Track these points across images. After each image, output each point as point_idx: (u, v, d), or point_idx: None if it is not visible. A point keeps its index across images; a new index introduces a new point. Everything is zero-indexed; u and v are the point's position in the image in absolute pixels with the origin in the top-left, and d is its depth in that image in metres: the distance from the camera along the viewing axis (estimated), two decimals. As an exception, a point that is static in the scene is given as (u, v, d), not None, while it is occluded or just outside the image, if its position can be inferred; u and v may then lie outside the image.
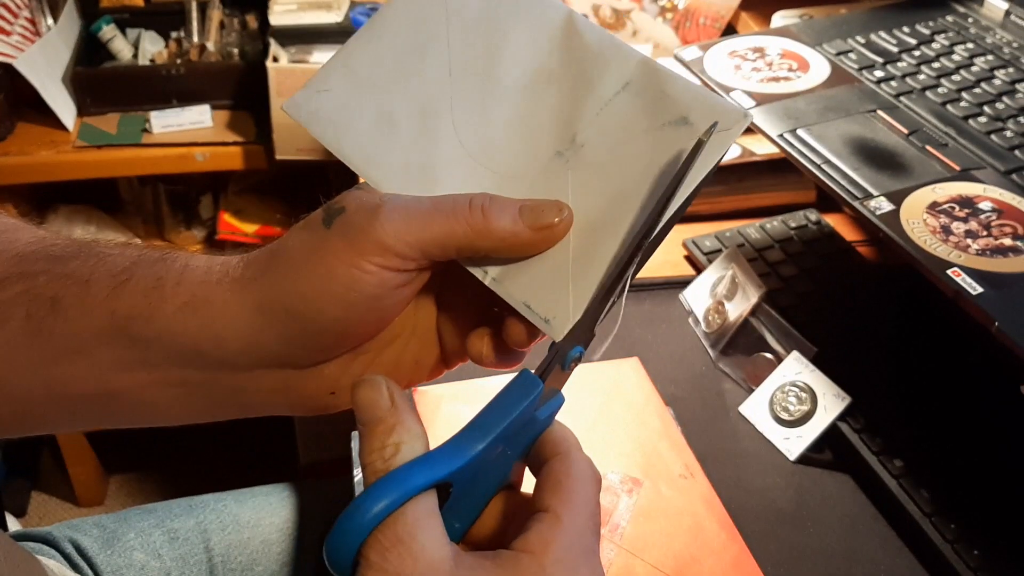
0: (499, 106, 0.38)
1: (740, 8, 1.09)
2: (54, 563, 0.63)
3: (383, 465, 0.31)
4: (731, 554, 0.61)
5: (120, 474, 1.67)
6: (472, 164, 0.37)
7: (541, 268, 0.35)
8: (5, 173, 1.35)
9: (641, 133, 0.36)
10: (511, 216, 0.34)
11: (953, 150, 0.70)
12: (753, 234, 0.86)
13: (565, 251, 0.35)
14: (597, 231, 0.35)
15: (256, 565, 0.75)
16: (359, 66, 0.38)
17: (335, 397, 0.38)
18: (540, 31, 0.38)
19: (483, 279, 0.35)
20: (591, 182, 0.35)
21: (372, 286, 0.34)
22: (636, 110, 0.36)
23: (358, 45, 0.39)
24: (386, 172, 0.37)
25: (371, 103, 0.38)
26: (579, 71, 0.37)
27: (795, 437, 0.69)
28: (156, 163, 1.41)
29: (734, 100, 0.33)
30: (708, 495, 0.65)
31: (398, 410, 0.32)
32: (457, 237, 0.34)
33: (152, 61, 1.46)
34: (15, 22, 1.35)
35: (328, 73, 0.39)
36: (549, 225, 0.34)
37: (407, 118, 0.38)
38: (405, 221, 0.33)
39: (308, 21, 1.40)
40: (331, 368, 0.37)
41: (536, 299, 0.34)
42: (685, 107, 0.35)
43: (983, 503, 0.62)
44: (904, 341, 0.75)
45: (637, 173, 0.35)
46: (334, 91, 0.38)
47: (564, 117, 0.37)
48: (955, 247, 0.61)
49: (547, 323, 0.34)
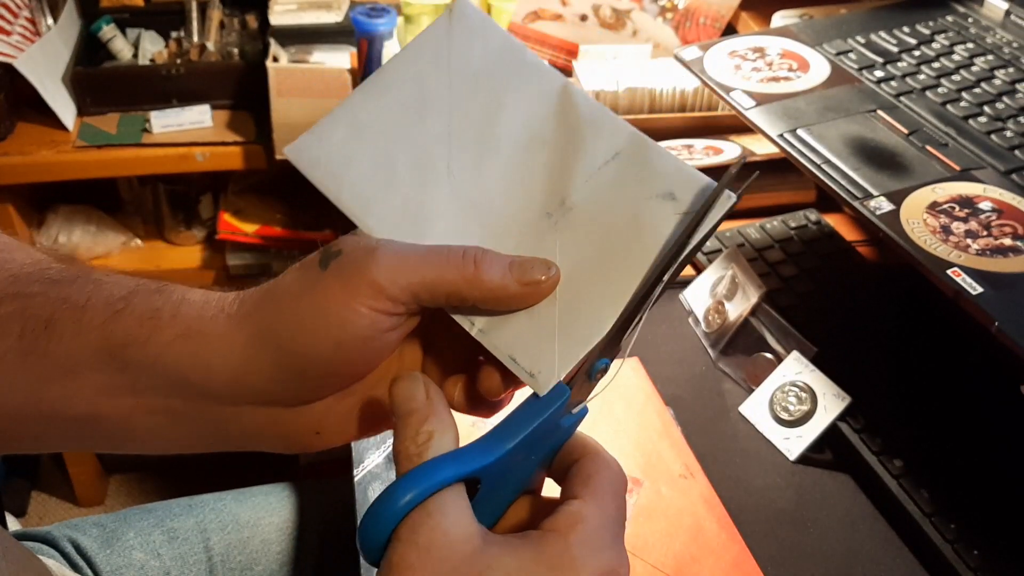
0: (494, 165, 0.39)
1: (740, 8, 1.09)
2: (53, 563, 0.63)
3: (416, 450, 0.32)
4: (731, 554, 0.61)
5: (120, 474, 1.67)
6: (464, 218, 0.38)
7: (527, 323, 0.36)
8: (5, 173, 1.35)
9: (628, 202, 0.37)
10: (501, 269, 0.35)
11: (953, 150, 0.70)
12: (753, 234, 0.86)
13: (551, 309, 0.36)
14: (583, 292, 0.36)
15: (256, 565, 0.75)
16: (361, 117, 0.40)
17: (319, 437, 0.39)
18: (537, 98, 0.40)
19: (470, 330, 0.36)
20: (578, 244, 0.37)
21: (363, 327, 0.35)
22: (624, 180, 0.38)
23: (361, 96, 0.40)
24: (380, 219, 0.39)
25: (370, 153, 0.39)
26: (572, 138, 0.39)
27: (795, 437, 0.69)
28: (156, 163, 1.41)
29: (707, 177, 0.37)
30: (708, 495, 0.65)
31: (433, 403, 0.33)
32: (448, 284, 0.35)
33: (152, 61, 1.46)
34: (15, 22, 1.35)
35: (330, 122, 0.40)
36: (536, 281, 0.36)
37: (404, 169, 0.39)
38: (399, 265, 0.34)
39: (308, 21, 1.40)
40: (317, 408, 0.38)
41: (521, 353, 0.36)
42: (671, 182, 0.37)
43: (983, 503, 0.62)
44: (904, 341, 0.75)
45: (623, 239, 0.37)
46: (335, 140, 0.40)
47: (555, 180, 0.38)
48: (955, 247, 0.61)
49: (532, 377, 0.35)
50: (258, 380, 0.36)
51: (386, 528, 0.31)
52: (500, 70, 0.40)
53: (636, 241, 0.36)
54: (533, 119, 0.40)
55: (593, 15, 1.08)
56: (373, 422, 0.39)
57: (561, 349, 0.35)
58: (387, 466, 0.67)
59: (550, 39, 1.09)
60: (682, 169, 0.37)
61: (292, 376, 0.36)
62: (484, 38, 0.41)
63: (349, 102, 0.40)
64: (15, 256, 0.41)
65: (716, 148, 0.94)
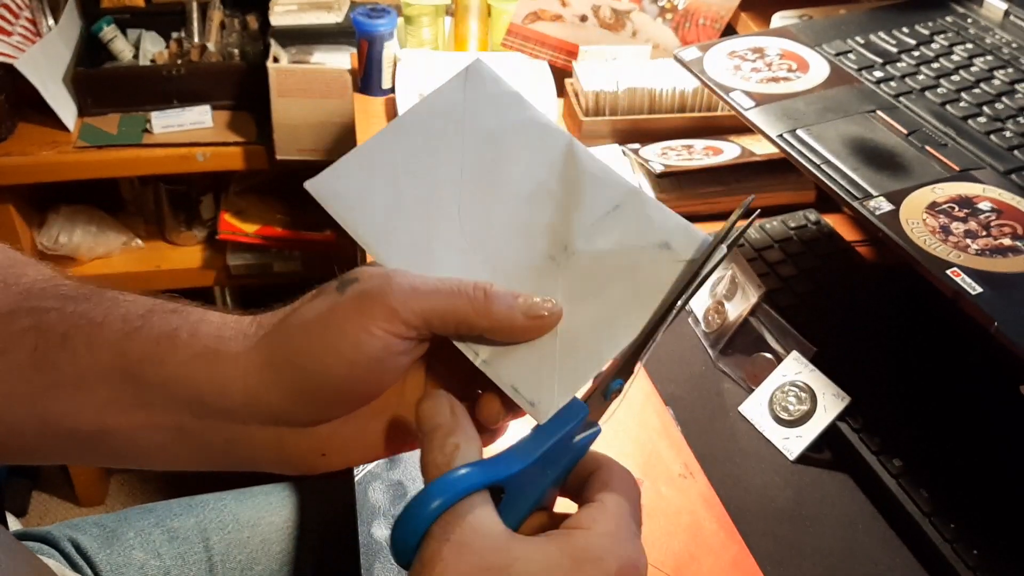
0: (501, 210, 0.42)
1: (740, 8, 1.09)
2: (54, 562, 0.63)
3: (444, 460, 0.35)
4: (730, 553, 0.61)
5: (120, 474, 1.67)
6: (471, 256, 0.41)
7: (529, 356, 0.38)
8: (6, 173, 1.35)
9: (627, 250, 0.41)
10: (509, 302, 0.38)
11: (952, 150, 0.70)
12: (753, 234, 0.86)
13: (552, 344, 0.39)
14: (583, 329, 0.39)
15: (256, 564, 0.75)
16: (379, 158, 0.43)
17: (325, 459, 0.40)
18: (544, 153, 0.43)
19: (474, 359, 0.39)
20: (580, 286, 0.40)
21: (377, 349, 0.36)
22: (624, 230, 0.41)
23: (380, 140, 0.44)
24: (393, 251, 0.41)
25: (386, 191, 0.42)
26: (575, 190, 0.43)
27: (795, 437, 0.69)
28: (157, 163, 1.41)
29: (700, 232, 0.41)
30: (707, 494, 0.65)
31: (458, 418, 0.36)
32: (459, 313, 0.37)
33: (153, 61, 1.46)
34: (16, 22, 1.35)
35: (350, 161, 0.43)
36: (540, 316, 0.38)
37: (416, 208, 0.42)
38: (413, 293, 0.37)
39: (308, 21, 1.40)
40: (323, 430, 0.39)
41: (523, 383, 0.38)
42: (667, 233, 0.41)
43: (983, 503, 0.62)
44: (904, 341, 0.75)
45: (622, 283, 0.40)
46: (354, 177, 0.43)
47: (559, 228, 0.42)
48: (954, 247, 0.61)
49: (532, 406, 0.38)
50: (272, 399, 0.37)
51: (418, 529, 0.33)
52: (510, 126, 0.44)
53: (634, 285, 0.40)
54: (540, 171, 0.43)
55: (593, 16, 1.08)
56: (377, 448, 0.41)
57: (561, 381, 0.38)
58: (387, 466, 0.67)
59: (550, 40, 1.09)
60: (677, 222, 0.41)
61: (306, 396, 0.37)
62: (497, 96, 0.45)
63: (367, 144, 0.44)
64: (26, 271, 0.41)
65: (716, 148, 0.95)
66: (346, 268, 0.39)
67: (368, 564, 0.60)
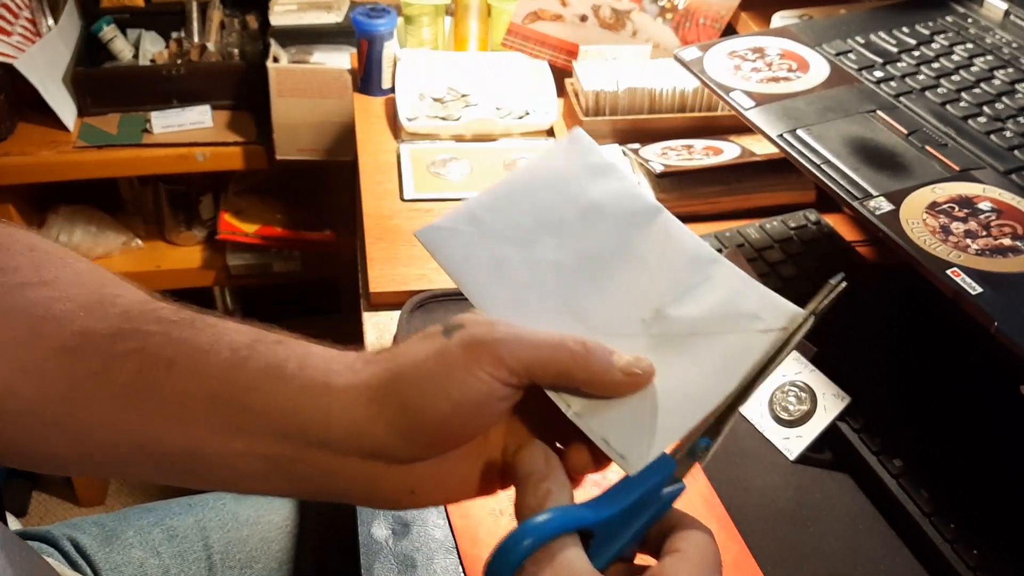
0: (598, 274, 0.45)
1: (740, 8, 1.09)
2: (53, 561, 0.63)
3: (536, 503, 0.37)
4: (730, 554, 0.61)
5: (120, 474, 1.67)
6: (565, 314, 0.44)
7: (620, 412, 0.40)
8: (6, 173, 1.35)
9: (717, 318, 0.43)
10: (607, 357, 0.40)
11: (953, 150, 0.70)
12: (753, 234, 0.86)
13: (642, 402, 0.41)
14: (673, 390, 0.41)
15: (255, 563, 0.75)
16: (485, 215, 0.46)
17: (413, 496, 0.42)
18: (638, 222, 0.46)
19: (566, 411, 0.40)
20: (671, 349, 0.42)
21: (481, 392, 0.38)
22: (714, 300, 0.44)
23: (488, 197, 0.47)
24: (494, 304, 0.44)
25: (489, 246, 0.46)
26: (667, 260, 0.45)
27: (795, 437, 0.69)
28: (156, 163, 1.41)
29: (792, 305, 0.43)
30: (708, 495, 0.65)
31: (551, 466, 0.39)
32: (559, 364, 0.39)
33: (153, 61, 1.46)
34: (15, 22, 1.35)
35: (459, 215, 0.46)
36: (635, 373, 0.40)
37: (517, 265, 0.45)
38: (518, 341, 0.39)
39: (308, 21, 1.40)
40: (418, 469, 0.41)
41: (614, 437, 0.40)
42: (757, 305, 0.43)
43: (983, 503, 0.62)
44: (904, 341, 0.75)
45: (711, 349, 0.42)
46: (461, 231, 0.46)
47: (650, 294, 0.44)
48: (954, 247, 0.61)
49: (623, 458, 0.39)
50: (376, 432, 0.38)
51: (512, 562, 0.36)
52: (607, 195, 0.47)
53: (723, 351, 0.42)
54: (633, 239, 0.46)
55: (593, 16, 1.08)
56: (461, 490, 0.43)
57: (651, 437, 0.40)
58: (387, 466, 0.67)
59: (550, 40, 1.09)
60: (765, 294, 0.44)
61: (408, 432, 0.39)
62: (595, 166, 0.48)
63: (476, 199, 0.47)
64: (121, 291, 0.42)
65: (716, 148, 0.95)
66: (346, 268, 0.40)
67: (368, 564, 0.60)
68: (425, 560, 0.61)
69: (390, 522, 0.63)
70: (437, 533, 0.62)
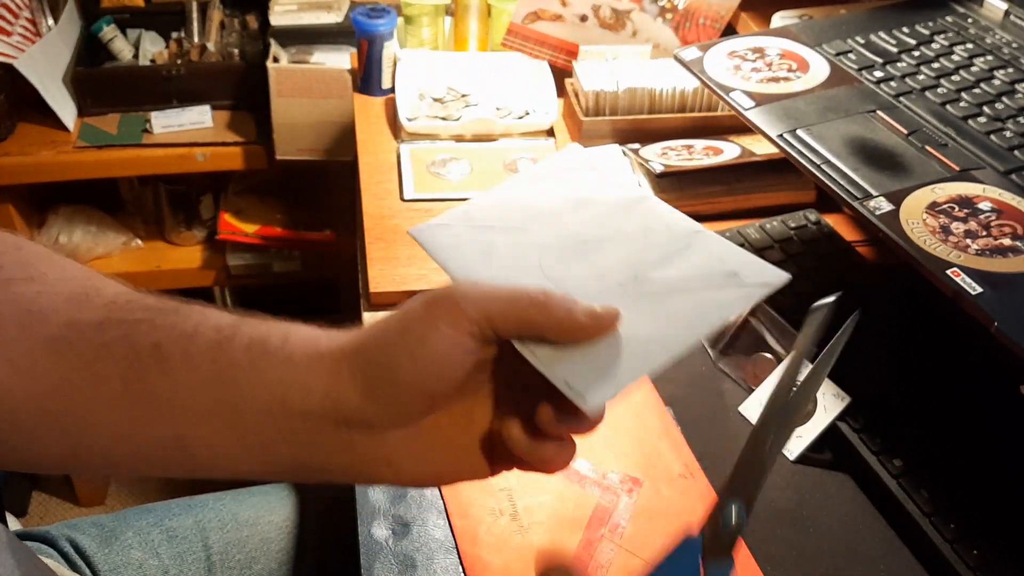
0: (580, 249, 0.47)
1: (740, 8, 1.09)
2: (52, 562, 0.63)
3: None
4: (730, 554, 0.61)
5: (120, 474, 1.68)
6: (546, 282, 0.46)
7: (583, 357, 0.41)
8: (5, 173, 1.35)
9: (695, 276, 0.44)
10: (569, 303, 0.40)
11: (953, 150, 0.70)
12: (753, 234, 0.86)
13: (608, 349, 0.41)
14: (639, 338, 0.41)
15: (255, 563, 0.75)
16: (477, 213, 0.50)
17: (390, 468, 0.42)
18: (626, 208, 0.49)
19: (530, 358, 0.41)
20: (644, 305, 0.43)
21: (443, 345, 0.39)
22: (695, 262, 0.45)
23: (483, 199, 0.50)
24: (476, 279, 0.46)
25: (479, 236, 0.48)
26: (651, 235, 0.48)
27: (795, 437, 0.69)
28: (156, 163, 1.41)
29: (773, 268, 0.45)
30: (708, 495, 0.65)
31: None
32: (520, 311, 0.39)
33: (152, 61, 1.46)
34: (16, 22, 1.35)
35: (453, 214, 0.50)
36: (599, 315, 0.41)
37: (504, 249, 0.48)
38: (478, 294, 0.40)
39: (308, 21, 1.40)
40: (393, 437, 0.41)
41: (574, 378, 0.40)
42: (735, 265, 0.45)
43: (983, 503, 0.62)
44: (904, 341, 0.75)
45: (685, 301, 0.43)
46: (452, 226, 0.49)
47: (633, 261, 0.46)
48: (954, 247, 0.61)
49: (580, 396, 0.39)
50: (347, 395, 0.39)
51: None
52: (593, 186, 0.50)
53: (698, 304, 0.43)
54: (619, 219, 0.48)
55: (593, 15, 1.08)
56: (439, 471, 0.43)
57: (610, 376, 0.40)
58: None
59: (550, 39, 1.09)
60: (745, 256, 0.45)
61: (374, 392, 0.39)
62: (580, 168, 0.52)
63: (469, 202, 0.50)
64: (106, 284, 0.42)
65: (716, 148, 0.95)
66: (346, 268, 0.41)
67: (368, 564, 0.60)
68: (425, 560, 0.61)
69: (390, 522, 0.63)
70: (437, 533, 0.62)
